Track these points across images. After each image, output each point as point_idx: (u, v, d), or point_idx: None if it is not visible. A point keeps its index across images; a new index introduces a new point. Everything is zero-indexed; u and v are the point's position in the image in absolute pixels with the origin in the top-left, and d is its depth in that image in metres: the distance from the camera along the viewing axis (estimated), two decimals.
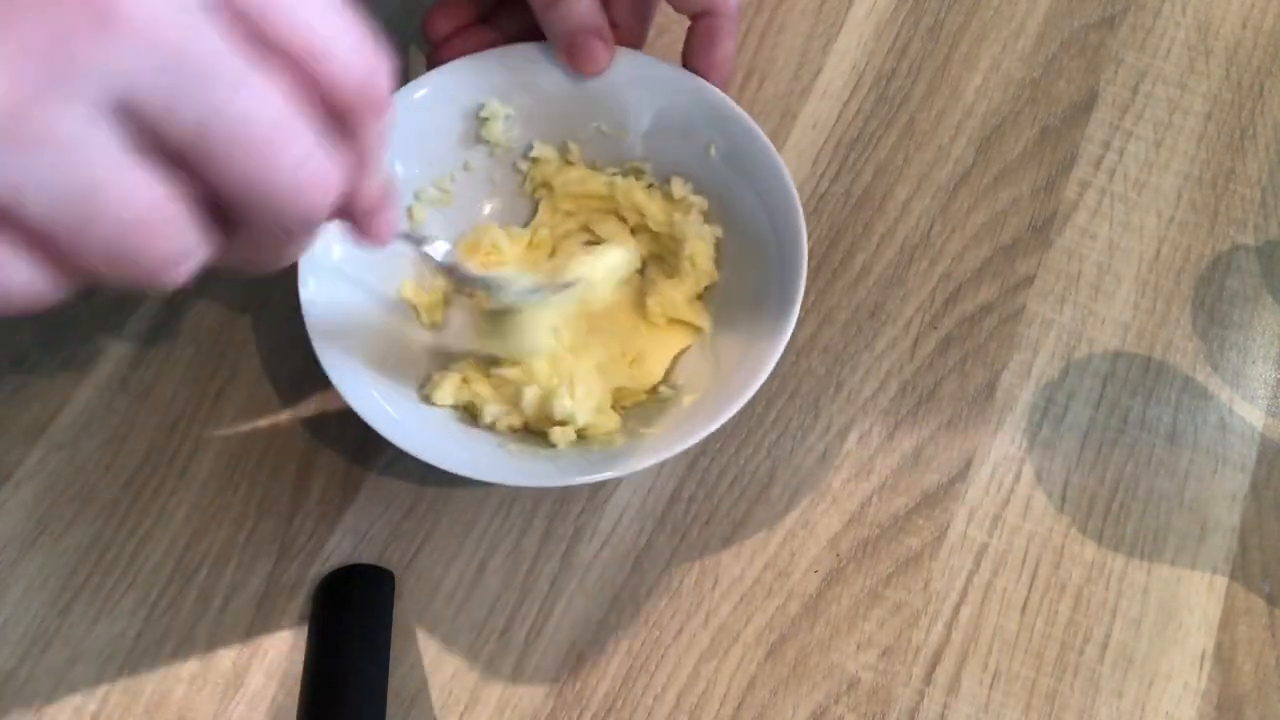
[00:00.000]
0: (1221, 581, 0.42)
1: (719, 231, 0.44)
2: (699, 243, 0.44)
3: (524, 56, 0.43)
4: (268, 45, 0.23)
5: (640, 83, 0.43)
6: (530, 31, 0.43)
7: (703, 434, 0.38)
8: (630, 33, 0.44)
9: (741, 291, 0.43)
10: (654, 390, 0.43)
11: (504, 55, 0.43)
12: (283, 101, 0.24)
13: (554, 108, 0.44)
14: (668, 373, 0.44)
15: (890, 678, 0.41)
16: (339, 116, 0.25)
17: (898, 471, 0.44)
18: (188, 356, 0.45)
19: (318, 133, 0.25)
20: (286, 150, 0.24)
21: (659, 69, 0.43)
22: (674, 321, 0.44)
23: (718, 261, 0.44)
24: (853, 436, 0.45)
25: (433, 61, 0.44)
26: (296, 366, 0.44)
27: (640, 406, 0.43)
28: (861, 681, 0.41)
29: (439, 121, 0.44)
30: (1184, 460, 0.45)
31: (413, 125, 0.42)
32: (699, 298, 0.44)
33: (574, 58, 0.42)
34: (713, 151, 0.43)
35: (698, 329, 0.44)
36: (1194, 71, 0.52)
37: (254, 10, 0.23)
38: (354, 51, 0.25)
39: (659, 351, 0.44)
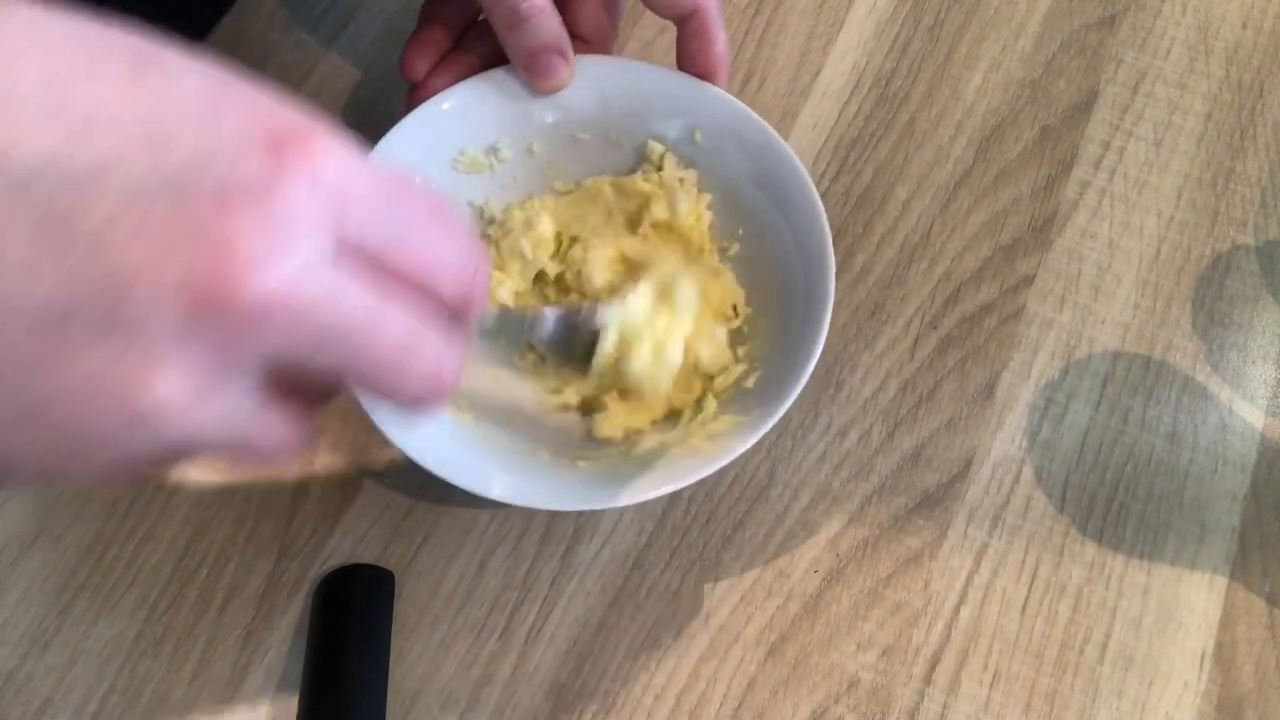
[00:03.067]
0: (1221, 581, 0.42)
1: (709, 198, 0.44)
2: (689, 203, 0.43)
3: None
4: (391, 275, 0.25)
5: (671, 100, 0.43)
6: (502, 53, 0.43)
7: (709, 470, 0.38)
8: (601, 42, 0.44)
9: (766, 317, 0.42)
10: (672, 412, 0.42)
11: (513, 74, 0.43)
12: (409, 325, 0.26)
13: (577, 124, 0.44)
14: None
15: (890, 678, 0.41)
16: (451, 312, 0.28)
17: (898, 471, 0.44)
18: None
19: (440, 335, 0.27)
20: (416, 367, 0.26)
21: (689, 86, 0.43)
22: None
23: (745, 292, 0.43)
24: (853, 436, 0.45)
25: (413, 101, 0.43)
26: None
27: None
28: (861, 681, 0.41)
29: (452, 142, 0.43)
30: (1184, 460, 0.45)
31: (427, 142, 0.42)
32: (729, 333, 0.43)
33: (535, 75, 0.42)
34: (745, 173, 0.43)
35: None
36: (1194, 71, 0.52)
37: (378, 248, 0.25)
38: (462, 258, 0.27)
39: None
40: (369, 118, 0.42)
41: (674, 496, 0.43)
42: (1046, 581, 0.42)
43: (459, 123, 0.43)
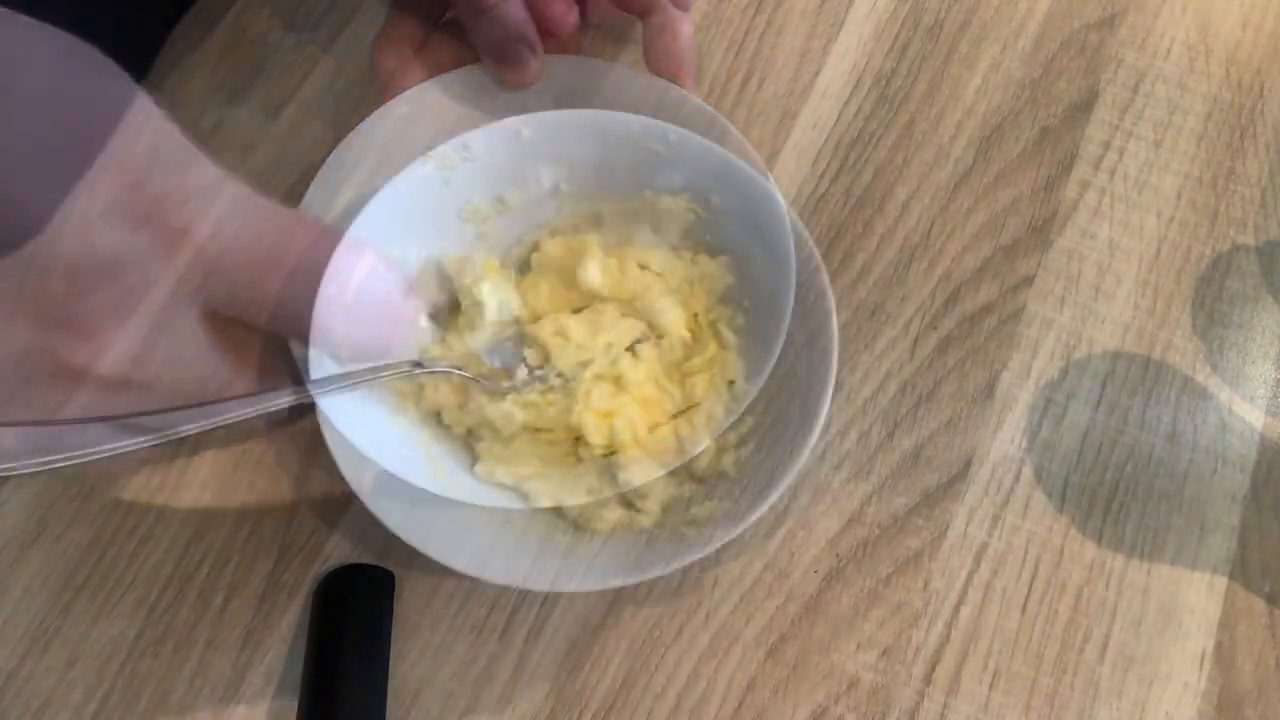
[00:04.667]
0: (1221, 581, 0.42)
1: (726, 259, 0.43)
2: (668, 309, 0.43)
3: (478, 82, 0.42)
4: None
5: (679, 166, 0.42)
6: (472, 52, 0.43)
7: (715, 546, 0.38)
8: (567, 37, 0.44)
9: (762, 393, 0.41)
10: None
11: (469, 75, 0.43)
12: None
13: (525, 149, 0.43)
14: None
15: (890, 678, 0.41)
16: None
17: (898, 471, 0.44)
18: None
19: None
20: None
21: (697, 146, 0.42)
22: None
23: (745, 365, 0.43)
24: (852, 436, 0.45)
25: (385, 98, 0.43)
26: (296, 367, 0.44)
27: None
28: (861, 681, 0.41)
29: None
30: (1184, 460, 0.45)
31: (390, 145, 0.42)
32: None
33: (504, 67, 0.41)
34: (715, 202, 0.43)
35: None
36: (1194, 71, 0.52)
37: None
38: None
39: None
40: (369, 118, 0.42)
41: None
42: (1046, 581, 0.42)
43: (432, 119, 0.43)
